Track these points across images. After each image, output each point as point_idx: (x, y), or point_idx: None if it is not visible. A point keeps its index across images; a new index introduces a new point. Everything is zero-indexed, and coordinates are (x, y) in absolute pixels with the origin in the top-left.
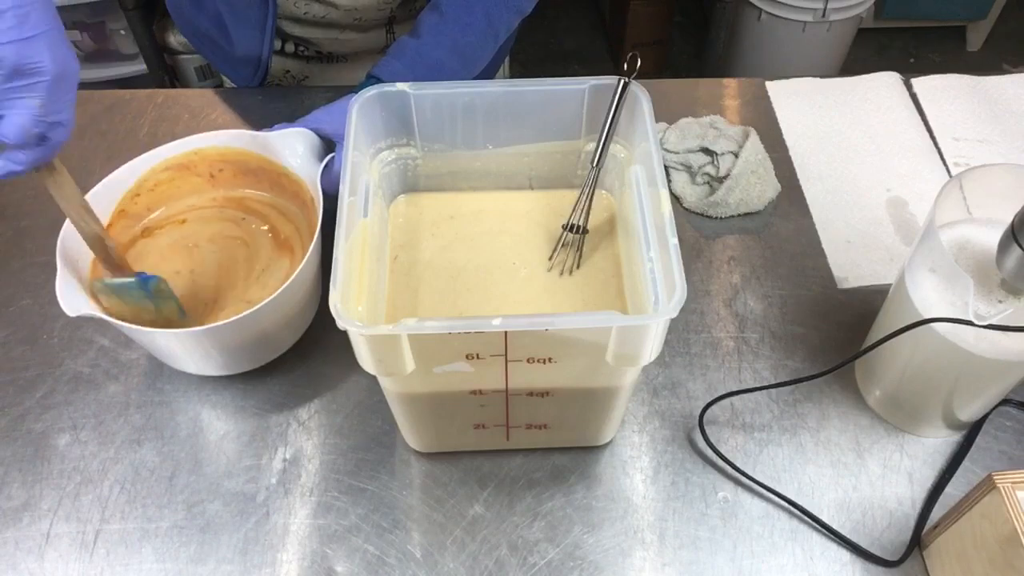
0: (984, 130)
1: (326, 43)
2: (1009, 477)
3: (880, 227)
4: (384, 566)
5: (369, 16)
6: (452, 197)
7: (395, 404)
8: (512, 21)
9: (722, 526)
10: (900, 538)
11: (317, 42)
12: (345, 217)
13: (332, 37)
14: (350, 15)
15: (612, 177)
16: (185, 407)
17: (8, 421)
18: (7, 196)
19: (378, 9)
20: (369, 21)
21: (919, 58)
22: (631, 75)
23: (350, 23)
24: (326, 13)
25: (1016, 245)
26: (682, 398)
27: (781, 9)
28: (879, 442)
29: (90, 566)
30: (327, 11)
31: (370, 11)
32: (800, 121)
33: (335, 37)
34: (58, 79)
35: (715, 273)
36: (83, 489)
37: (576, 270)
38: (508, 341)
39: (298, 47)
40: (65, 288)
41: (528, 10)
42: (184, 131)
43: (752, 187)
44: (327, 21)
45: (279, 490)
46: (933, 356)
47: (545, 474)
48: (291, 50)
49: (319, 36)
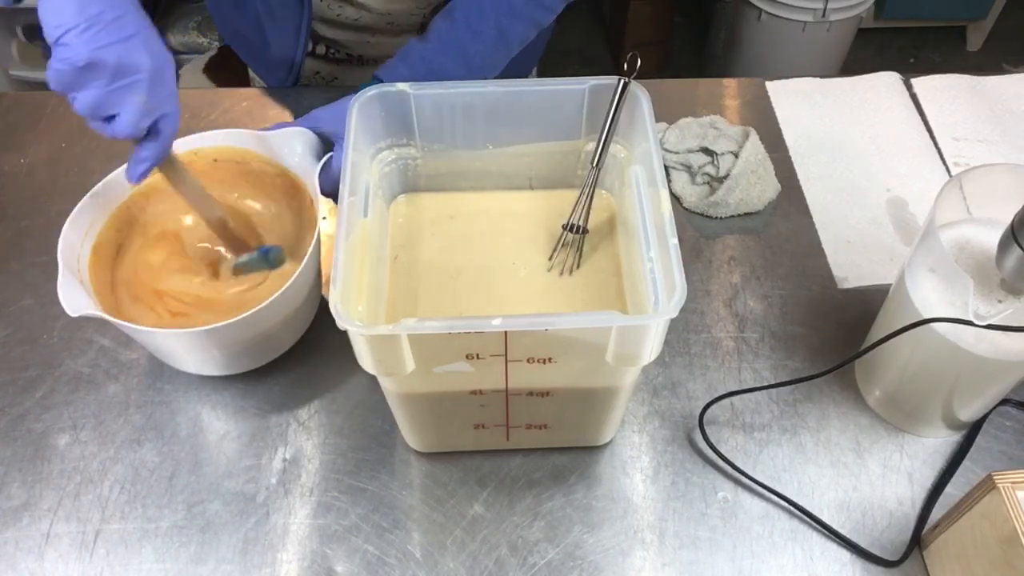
0: (984, 130)
1: (357, 46)
2: (1009, 477)
3: (880, 227)
4: (384, 566)
5: (401, 21)
6: (452, 197)
7: (395, 404)
8: (528, 33)
9: (722, 526)
10: (900, 538)
11: (348, 45)
12: (345, 217)
13: (364, 40)
14: (383, 19)
15: (612, 177)
16: (185, 407)
17: (8, 421)
18: (7, 196)
19: (411, 14)
20: (401, 26)
21: (919, 58)
22: (631, 75)
23: (382, 27)
24: (359, 16)
25: (1016, 245)
26: (682, 398)
27: (781, 9)
28: (879, 442)
29: (90, 566)
30: (360, 14)
31: (403, 16)
32: (800, 121)
33: (367, 40)
34: (156, 74)
35: (715, 273)
36: (83, 489)
37: (576, 270)
38: (508, 341)
39: (329, 49)
40: (66, 288)
41: (546, 23)
42: (184, 131)
43: (752, 187)
44: (359, 24)
45: (279, 490)
46: (933, 356)
47: (545, 474)
48: (322, 52)
49: (351, 39)
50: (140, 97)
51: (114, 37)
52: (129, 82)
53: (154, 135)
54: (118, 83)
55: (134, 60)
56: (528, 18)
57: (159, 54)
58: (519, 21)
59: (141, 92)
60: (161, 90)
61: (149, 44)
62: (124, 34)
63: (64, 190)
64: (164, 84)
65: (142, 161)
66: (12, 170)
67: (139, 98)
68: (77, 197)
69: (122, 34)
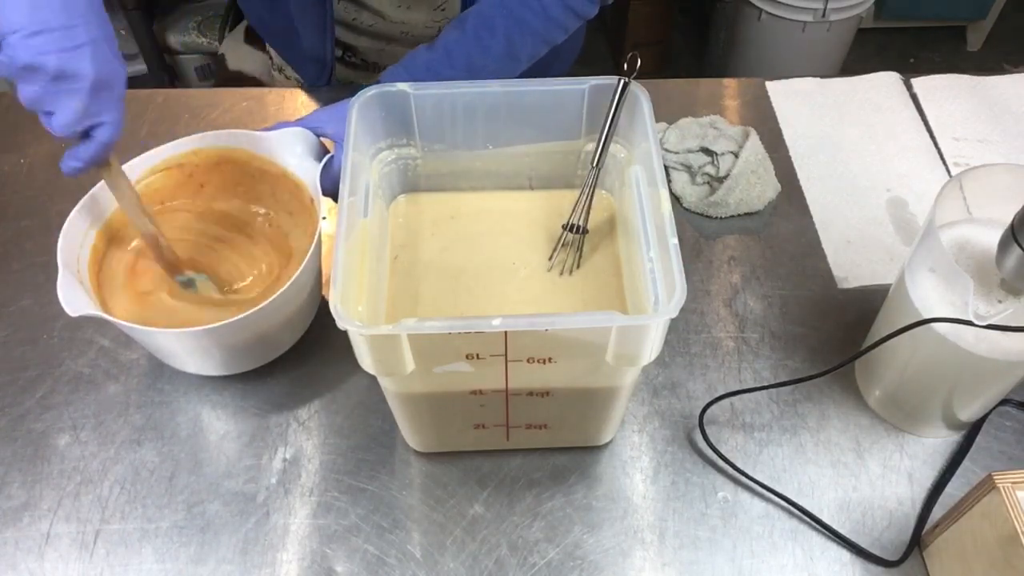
0: (984, 130)
1: (372, 53)
2: (1009, 477)
3: (880, 227)
4: (384, 566)
5: (416, 31)
6: (452, 197)
7: (395, 404)
8: (538, 50)
9: (722, 526)
10: (900, 538)
11: (364, 51)
12: (345, 217)
13: (378, 48)
14: (397, 28)
15: (612, 177)
16: (185, 407)
17: (8, 421)
18: (7, 196)
19: (425, 26)
20: (416, 36)
21: (919, 58)
22: (631, 75)
23: (397, 36)
24: (374, 22)
25: (1016, 245)
26: (682, 398)
27: (781, 9)
28: (879, 442)
29: (90, 566)
30: (375, 20)
31: (417, 27)
32: (800, 121)
33: (381, 48)
34: (99, 84)
35: (715, 273)
36: (83, 489)
37: (576, 270)
38: (508, 341)
39: (345, 53)
40: (65, 288)
41: (557, 41)
42: (184, 131)
43: (752, 187)
44: (375, 31)
45: (279, 490)
46: (933, 356)
47: (545, 474)
48: (338, 55)
49: (366, 45)
50: (78, 103)
51: (58, 46)
52: (67, 88)
53: (89, 140)
54: (56, 87)
55: (76, 69)
56: (539, 35)
57: (107, 65)
58: (529, 36)
59: (79, 99)
60: (102, 100)
61: (98, 54)
62: (71, 44)
63: (64, 190)
64: (107, 94)
65: (74, 159)
66: (12, 170)
67: (76, 103)
68: (77, 197)
69: (68, 44)
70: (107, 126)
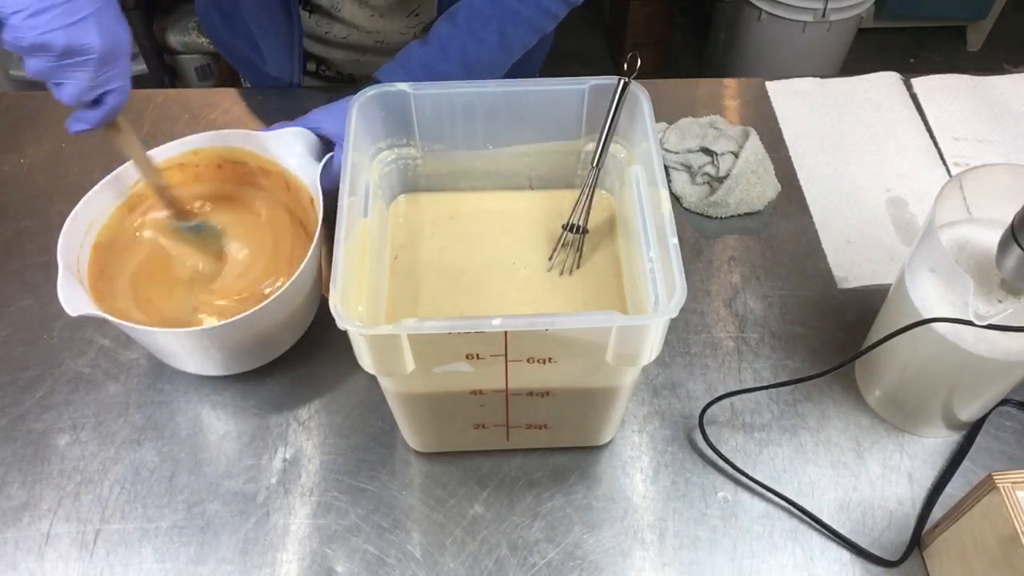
0: (984, 130)
1: (347, 65)
2: (1009, 477)
3: (880, 227)
4: (384, 566)
5: (391, 40)
6: (452, 197)
7: (395, 404)
8: (529, 39)
9: (722, 526)
10: (900, 538)
11: (338, 63)
12: (345, 217)
13: (353, 59)
14: (371, 37)
15: (612, 177)
16: (185, 407)
17: (8, 421)
18: (7, 196)
19: (400, 33)
20: (391, 45)
21: (919, 58)
22: (631, 75)
23: (371, 45)
24: (348, 34)
25: (1016, 245)
26: (682, 398)
27: (781, 9)
28: (879, 442)
29: (90, 566)
30: (348, 32)
31: (392, 35)
32: (800, 121)
33: (356, 59)
34: (107, 54)
35: (715, 273)
36: (83, 489)
37: (576, 270)
38: (508, 341)
39: (319, 66)
40: (65, 288)
41: (548, 29)
42: (184, 131)
43: (752, 187)
44: (348, 43)
45: (279, 490)
46: (933, 356)
47: (545, 474)
48: (312, 69)
49: (340, 58)
50: (87, 74)
51: (62, 21)
52: (76, 61)
53: (98, 105)
54: (65, 62)
55: (83, 42)
56: (531, 24)
57: (112, 33)
58: (522, 27)
59: (88, 70)
60: (110, 68)
61: (102, 24)
62: (75, 16)
63: (64, 190)
64: (115, 62)
65: (81, 121)
66: (12, 170)
67: (86, 75)
68: (77, 197)
69: (73, 17)
70: (116, 92)
